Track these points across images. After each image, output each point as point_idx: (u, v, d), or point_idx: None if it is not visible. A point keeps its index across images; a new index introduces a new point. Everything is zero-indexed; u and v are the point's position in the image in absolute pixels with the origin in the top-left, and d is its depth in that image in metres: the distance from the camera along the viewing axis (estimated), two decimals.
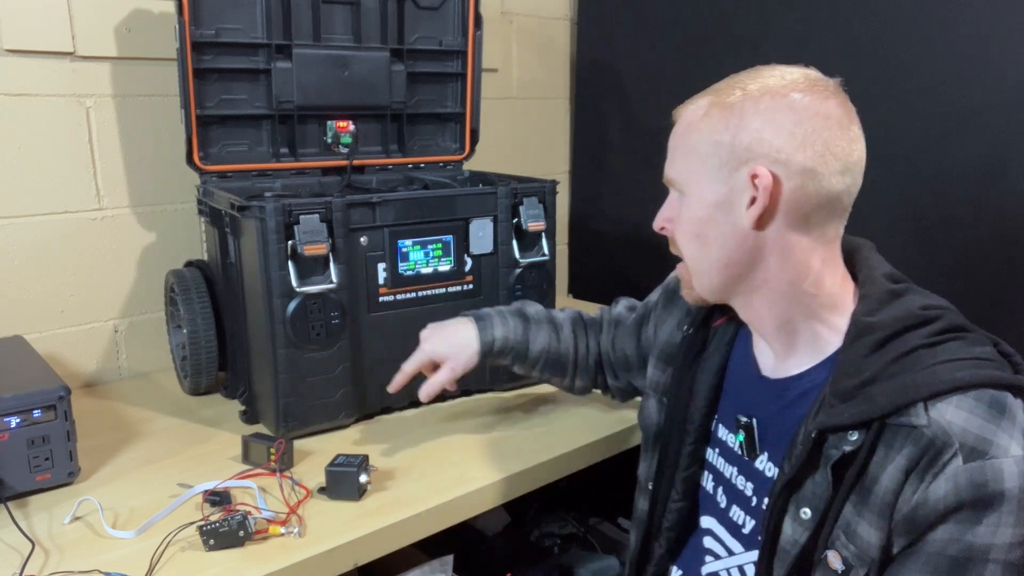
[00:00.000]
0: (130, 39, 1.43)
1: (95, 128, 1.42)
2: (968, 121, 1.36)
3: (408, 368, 1.17)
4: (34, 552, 0.93)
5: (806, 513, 0.79)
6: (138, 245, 1.50)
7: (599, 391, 1.27)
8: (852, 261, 0.86)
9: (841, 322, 0.82)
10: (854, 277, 0.85)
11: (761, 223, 0.80)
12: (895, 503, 0.73)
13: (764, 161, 0.78)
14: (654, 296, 1.14)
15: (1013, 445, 0.70)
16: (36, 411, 1.04)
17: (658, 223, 0.90)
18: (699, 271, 0.87)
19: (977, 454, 0.69)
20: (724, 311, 0.96)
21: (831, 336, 0.83)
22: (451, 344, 1.17)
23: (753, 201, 0.79)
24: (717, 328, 0.97)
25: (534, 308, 1.24)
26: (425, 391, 1.17)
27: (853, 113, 0.81)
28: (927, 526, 0.71)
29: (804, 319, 0.84)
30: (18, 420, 1.03)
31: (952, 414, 0.71)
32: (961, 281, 1.37)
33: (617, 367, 1.20)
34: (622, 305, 1.23)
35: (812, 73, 0.82)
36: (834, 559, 0.77)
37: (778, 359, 0.88)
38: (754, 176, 0.78)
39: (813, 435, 0.77)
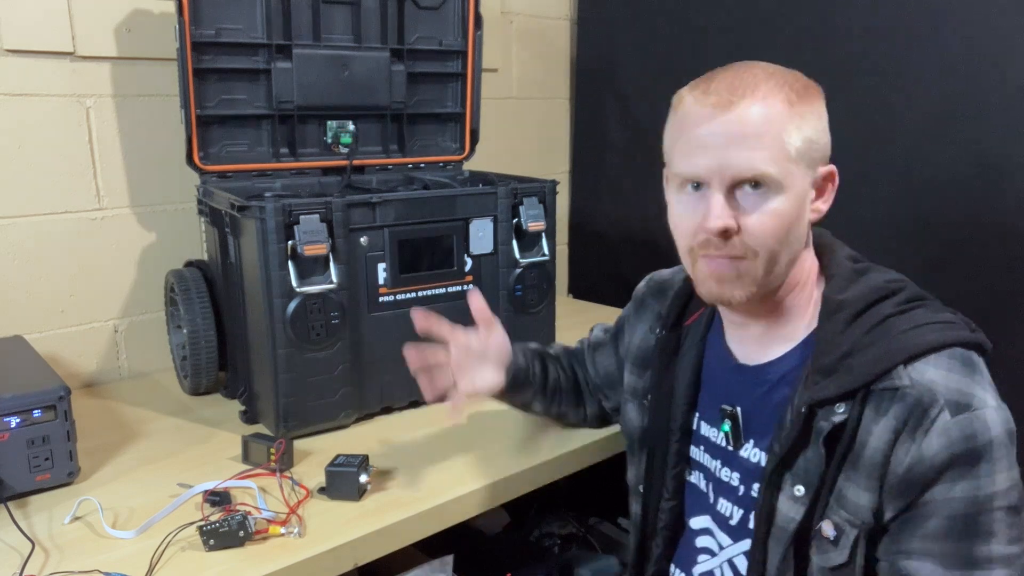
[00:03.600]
0: (130, 39, 1.43)
1: (95, 128, 1.42)
2: (968, 121, 1.36)
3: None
4: (34, 552, 0.93)
5: (800, 490, 0.81)
6: (138, 245, 1.50)
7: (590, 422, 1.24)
8: (815, 246, 0.91)
9: (813, 301, 0.87)
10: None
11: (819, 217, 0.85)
12: (885, 463, 0.75)
13: (826, 158, 0.84)
14: (626, 311, 1.14)
15: (988, 397, 0.75)
16: (36, 411, 1.04)
17: (722, 221, 0.79)
18: (774, 269, 0.82)
19: (962, 407, 0.73)
20: (694, 310, 0.98)
21: (805, 316, 0.87)
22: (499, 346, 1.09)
23: (820, 197, 0.84)
24: (689, 327, 0.99)
25: (534, 345, 1.19)
26: (457, 401, 1.04)
27: None
28: (924, 485, 0.74)
29: (789, 304, 0.87)
30: (18, 420, 1.03)
31: (932, 373, 0.75)
32: (961, 281, 1.37)
33: (605, 387, 1.18)
34: (598, 329, 1.22)
35: None
36: (827, 527, 0.79)
37: (758, 346, 0.90)
38: (832, 175, 0.84)
39: (803, 411, 0.80)
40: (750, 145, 0.78)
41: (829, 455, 0.78)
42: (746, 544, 0.89)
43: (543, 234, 1.39)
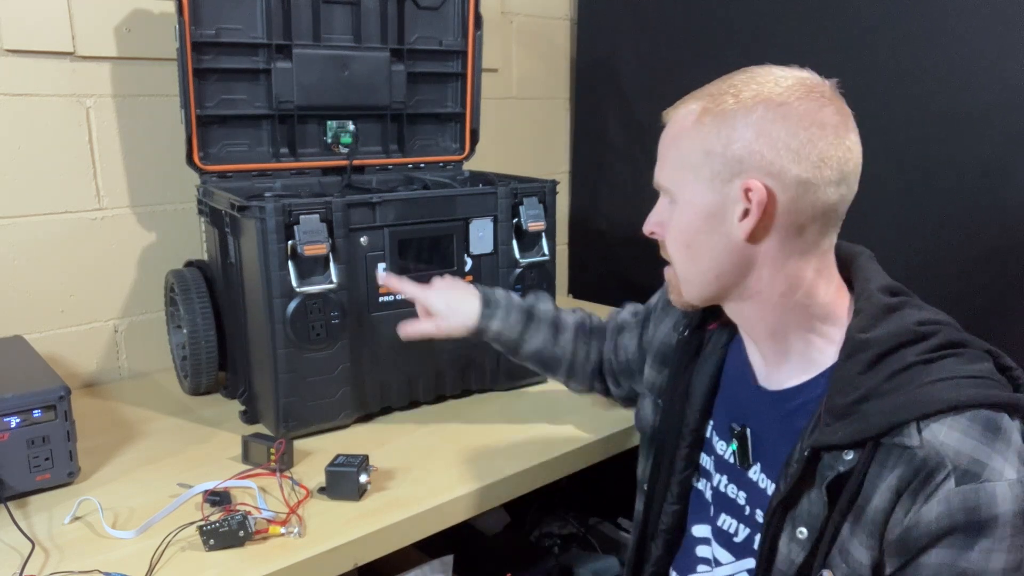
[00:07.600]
0: (130, 39, 1.43)
1: (95, 128, 1.42)
2: (970, 121, 1.36)
3: (403, 288, 1.19)
4: (34, 552, 0.93)
5: (802, 532, 0.78)
6: (138, 245, 1.50)
7: (599, 395, 1.25)
8: (848, 270, 0.85)
9: (836, 334, 0.81)
10: (850, 285, 0.84)
11: (755, 236, 0.78)
12: (885, 522, 0.72)
13: (757, 174, 0.76)
14: (654, 299, 1.12)
15: (1008, 468, 0.68)
16: (36, 411, 1.04)
17: (648, 227, 0.88)
18: (688, 280, 0.86)
19: (971, 476, 0.68)
20: (719, 315, 0.94)
21: (826, 347, 0.81)
22: (451, 308, 1.17)
23: (746, 214, 0.77)
24: (712, 331, 0.96)
25: (545, 306, 1.21)
26: (406, 330, 1.18)
27: (850, 119, 0.78)
28: (919, 549, 0.70)
29: (796, 329, 0.82)
30: (18, 420, 1.03)
31: (946, 435, 0.70)
32: (963, 281, 1.37)
33: (620, 374, 1.17)
34: (628, 311, 1.20)
35: (808, 77, 0.78)
36: None
37: (770, 367, 0.86)
38: (748, 189, 0.76)
39: (807, 454, 0.76)
40: (662, 155, 0.85)
41: (832, 501, 0.75)
42: (750, 563, 0.87)
43: (543, 234, 1.39)
